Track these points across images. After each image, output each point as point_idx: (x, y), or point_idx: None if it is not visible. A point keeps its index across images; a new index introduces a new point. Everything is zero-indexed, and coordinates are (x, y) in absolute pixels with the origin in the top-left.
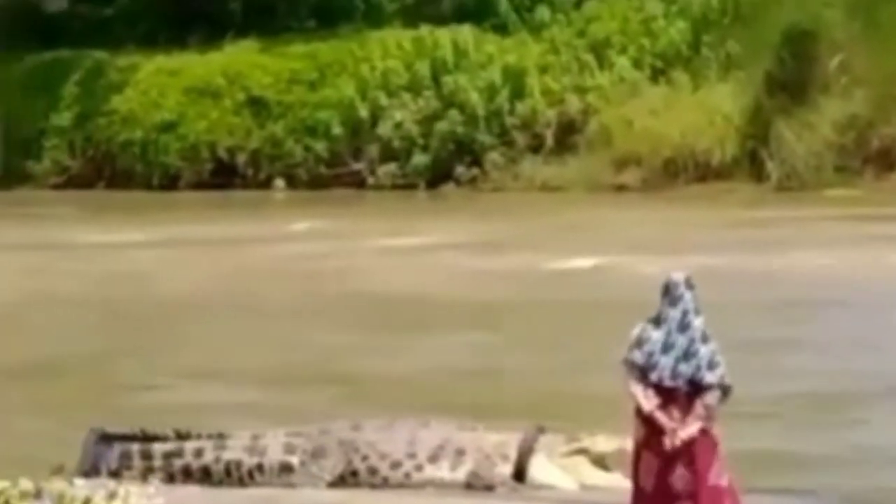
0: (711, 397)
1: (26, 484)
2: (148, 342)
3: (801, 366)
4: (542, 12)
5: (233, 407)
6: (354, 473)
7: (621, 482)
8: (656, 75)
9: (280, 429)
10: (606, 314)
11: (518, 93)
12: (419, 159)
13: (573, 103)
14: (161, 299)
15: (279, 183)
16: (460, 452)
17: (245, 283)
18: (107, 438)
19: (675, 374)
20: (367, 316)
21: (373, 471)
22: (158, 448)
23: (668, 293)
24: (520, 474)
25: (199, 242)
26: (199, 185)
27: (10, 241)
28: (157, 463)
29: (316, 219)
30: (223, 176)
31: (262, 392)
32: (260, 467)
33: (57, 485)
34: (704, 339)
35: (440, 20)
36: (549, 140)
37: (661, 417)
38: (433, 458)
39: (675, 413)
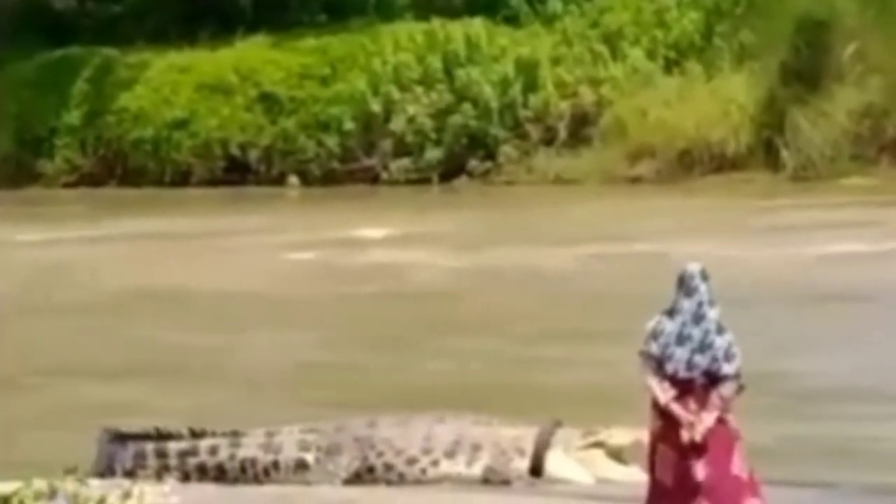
0: (727, 388)
1: (40, 484)
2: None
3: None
4: (555, 4)
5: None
6: (370, 470)
7: (638, 475)
8: (670, 66)
9: (295, 425)
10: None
11: (531, 85)
12: (432, 153)
13: (586, 95)
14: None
15: (293, 180)
16: (476, 447)
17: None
18: (121, 438)
19: (690, 366)
20: (235, 312)
21: (389, 467)
22: (173, 447)
23: (683, 285)
24: (536, 469)
25: (133, 238)
26: (211, 182)
27: None
28: (172, 462)
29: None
30: (236, 172)
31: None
32: (275, 465)
33: (71, 485)
34: (720, 331)
35: (452, 13)
36: (563, 132)
37: (677, 409)
38: (449, 454)
39: (692, 405)
